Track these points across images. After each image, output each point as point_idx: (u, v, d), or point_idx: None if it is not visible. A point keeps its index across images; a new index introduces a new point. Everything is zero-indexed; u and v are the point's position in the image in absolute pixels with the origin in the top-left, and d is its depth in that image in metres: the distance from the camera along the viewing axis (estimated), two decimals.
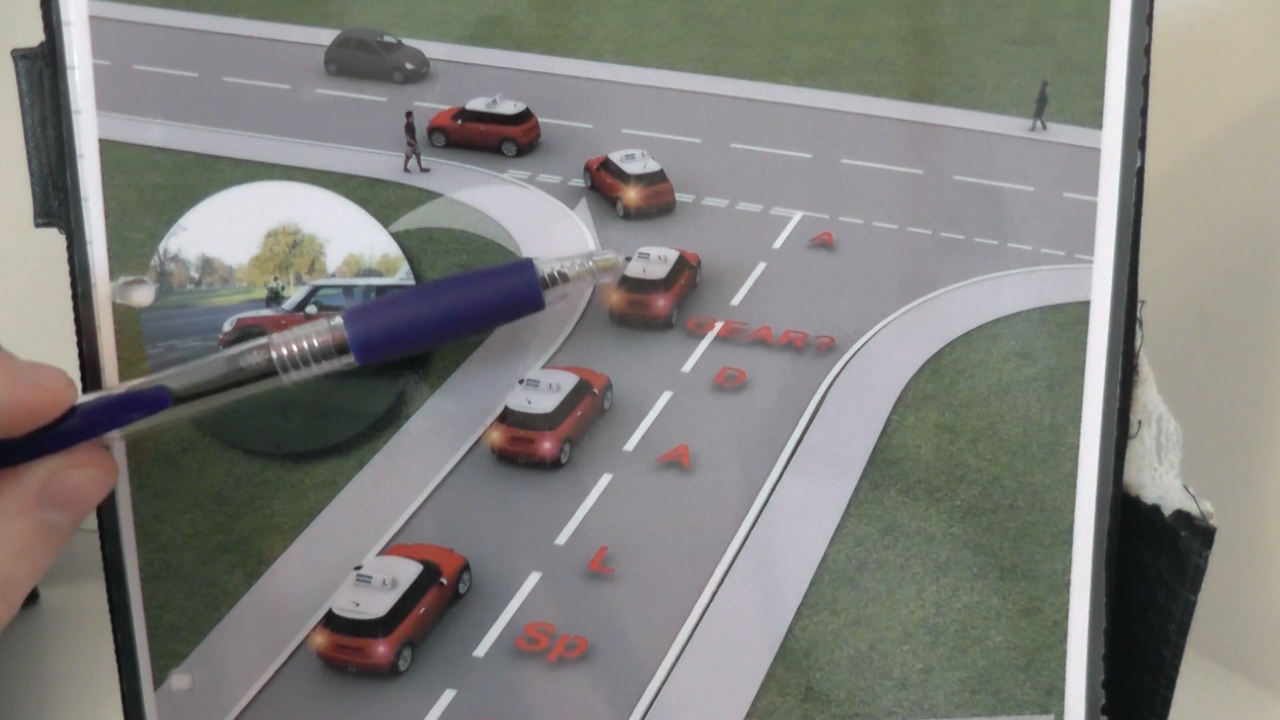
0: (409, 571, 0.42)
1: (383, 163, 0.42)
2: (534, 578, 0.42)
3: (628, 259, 0.41)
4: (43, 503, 0.35)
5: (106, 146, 0.41)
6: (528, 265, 0.38)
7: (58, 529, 0.35)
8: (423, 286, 0.39)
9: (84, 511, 0.36)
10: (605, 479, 0.42)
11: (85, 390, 0.40)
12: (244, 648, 0.42)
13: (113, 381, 0.41)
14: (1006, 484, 0.42)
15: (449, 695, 0.42)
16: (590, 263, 0.39)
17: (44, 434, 0.35)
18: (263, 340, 0.37)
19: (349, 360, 0.38)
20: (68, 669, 0.57)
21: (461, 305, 0.38)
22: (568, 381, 0.42)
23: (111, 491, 0.41)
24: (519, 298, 0.38)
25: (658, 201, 0.42)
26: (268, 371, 0.37)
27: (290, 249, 0.41)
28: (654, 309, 0.42)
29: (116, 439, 0.37)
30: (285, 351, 0.37)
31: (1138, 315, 0.41)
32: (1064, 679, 0.42)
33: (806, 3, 0.42)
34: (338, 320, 0.37)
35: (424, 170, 0.42)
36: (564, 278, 0.39)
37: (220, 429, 0.42)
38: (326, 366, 0.38)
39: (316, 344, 0.37)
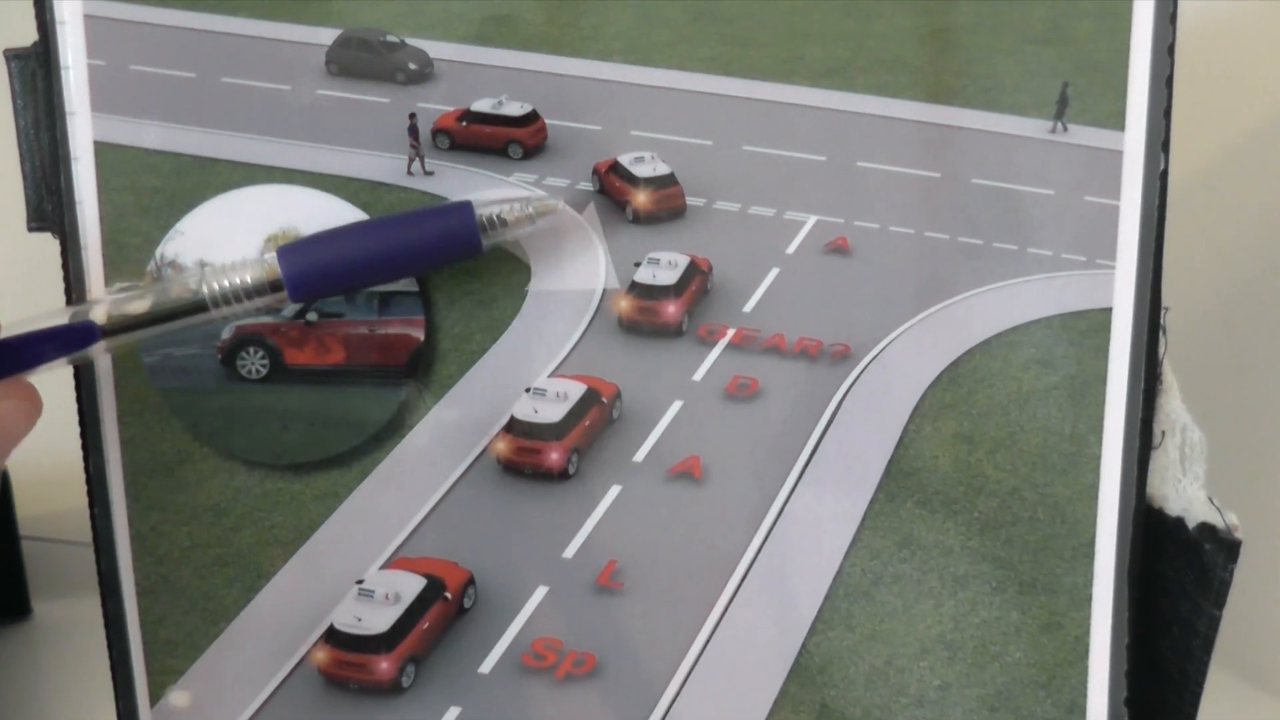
0: (412, 585, 0.41)
1: (385, 166, 0.41)
2: (541, 592, 0.42)
3: (565, 203, 0.41)
4: None
5: (102, 149, 0.40)
6: (466, 207, 0.38)
7: None
8: (359, 224, 0.39)
9: (9, 445, 0.36)
10: (614, 490, 0.42)
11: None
12: (243, 663, 0.42)
13: (108, 390, 0.41)
14: (1026, 496, 0.42)
15: (453, 713, 0.42)
16: (530, 207, 0.39)
17: None
18: (195, 273, 0.37)
19: (282, 296, 0.38)
20: (61, 685, 0.58)
21: (399, 244, 0.38)
22: (575, 390, 0.42)
23: (108, 502, 0.41)
24: (457, 239, 0.38)
25: (668, 205, 0.42)
26: (198, 305, 0.37)
27: None
28: (664, 316, 0.42)
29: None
30: (217, 285, 0.37)
31: (1161, 322, 0.41)
32: (1085, 696, 0.42)
33: (820, 1, 0.41)
34: (271, 255, 0.37)
35: (428, 173, 0.41)
36: (502, 221, 0.39)
37: (218, 439, 0.41)
38: (259, 302, 0.37)
39: (250, 279, 0.37)
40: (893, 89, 0.41)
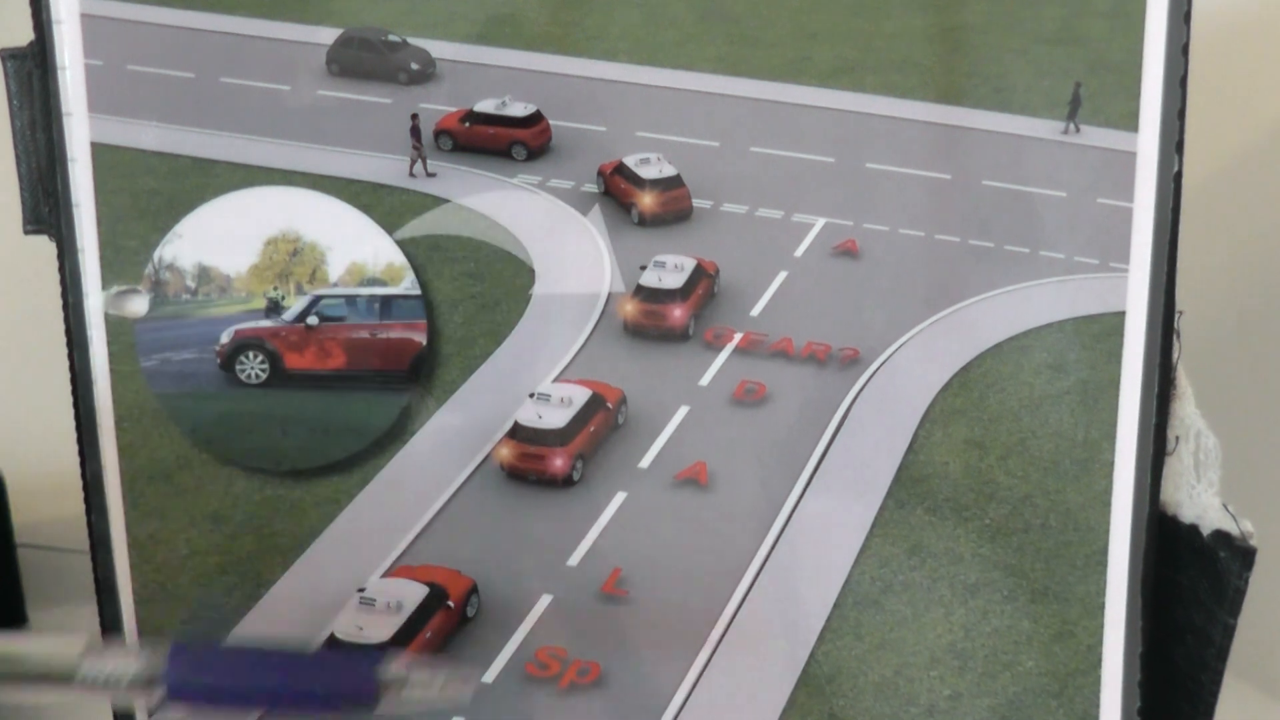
0: (414, 594, 0.41)
1: (387, 167, 0.41)
2: (545, 600, 0.42)
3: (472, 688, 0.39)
4: None
5: (99, 150, 0.40)
6: (370, 664, 0.35)
7: None
8: (262, 652, 0.37)
9: None
10: (619, 497, 0.42)
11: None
12: None
13: (106, 396, 0.40)
14: (1038, 502, 0.42)
15: None
16: (438, 687, 0.35)
17: None
18: (79, 649, 0.34)
19: (159, 694, 0.34)
20: (58, 695, 0.57)
21: (293, 687, 0.35)
22: (580, 395, 0.42)
23: (105, 508, 0.41)
24: (354, 694, 0.35)
25: (674, 207, 0.42)
26: (66, 676, 0.34)
27: (291, 257, 0.41)
28: (670, 320, 0.42)
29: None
30: (96, 670, 0.34)
31: (1175, 326, 0.41)
32: (1098, 706, 0.41)
33: (829, 0, 0.41)
34: (162, 652, 0.34)
35: (430, 175, 0.41)
36: (406, 685, 0.35)
37: (217, 445, 0.41)
38: (133, 693, 0.35)
39: (132, 674, 0.34)
40: (902, 89, 0.41)
